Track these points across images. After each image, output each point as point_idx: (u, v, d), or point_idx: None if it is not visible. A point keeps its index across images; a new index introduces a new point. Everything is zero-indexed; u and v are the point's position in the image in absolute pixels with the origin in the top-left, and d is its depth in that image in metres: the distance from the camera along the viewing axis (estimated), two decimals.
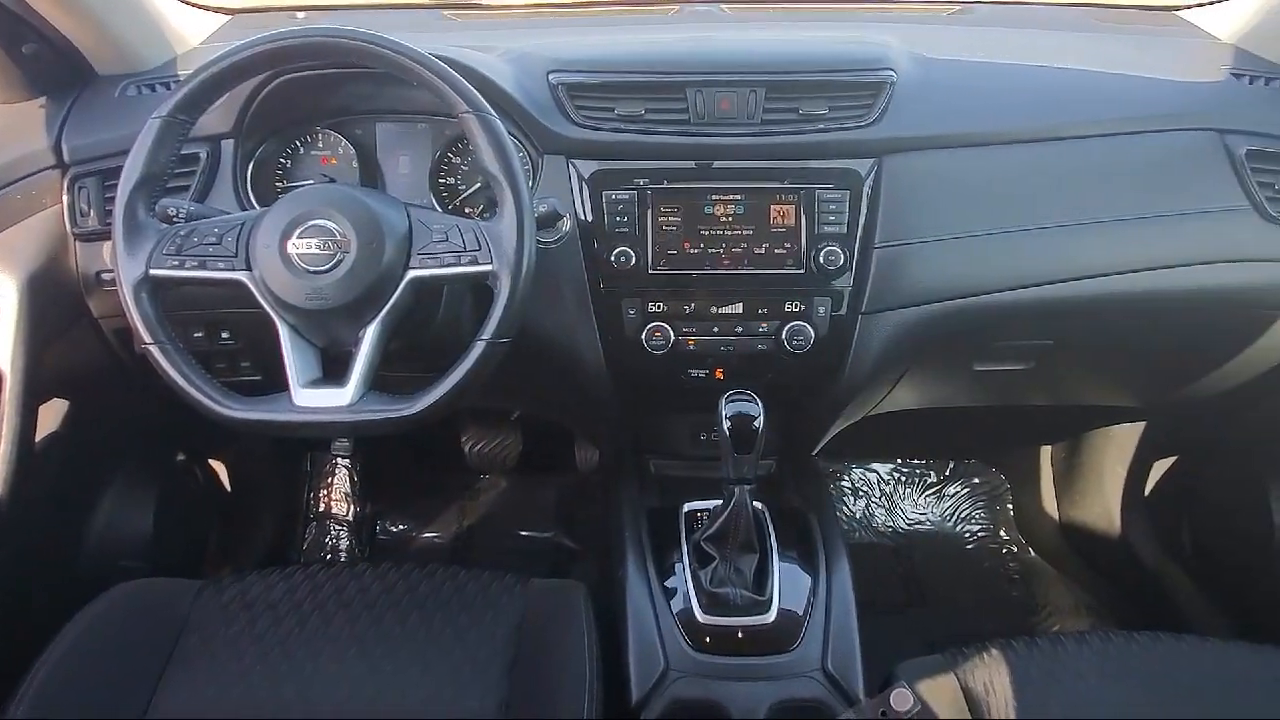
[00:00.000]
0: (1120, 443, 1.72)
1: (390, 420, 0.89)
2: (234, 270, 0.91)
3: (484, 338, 0.90)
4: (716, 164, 1.09)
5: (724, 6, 1.49)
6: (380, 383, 0.93)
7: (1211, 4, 1.38)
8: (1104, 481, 1.77)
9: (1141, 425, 1.67)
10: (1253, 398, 1.36)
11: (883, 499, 1.96)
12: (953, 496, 1.97)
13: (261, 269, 0.90)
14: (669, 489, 1.25)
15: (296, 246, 0.89)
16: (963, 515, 1.95)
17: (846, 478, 1.97)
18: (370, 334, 0.91)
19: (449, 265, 0.90)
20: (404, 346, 1.02)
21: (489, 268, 0.89)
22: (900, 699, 0.88)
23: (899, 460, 2.00)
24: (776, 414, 1.25)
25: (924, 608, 1.76)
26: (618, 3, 1.60)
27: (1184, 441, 1.62)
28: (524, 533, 1.86)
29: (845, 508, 1.93)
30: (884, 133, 1.09)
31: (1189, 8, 1.42)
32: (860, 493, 1.96)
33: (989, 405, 1.48)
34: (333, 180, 1.15)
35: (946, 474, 2.00)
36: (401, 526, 1.90)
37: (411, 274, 0.91)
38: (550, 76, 1.10)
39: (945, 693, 0.94)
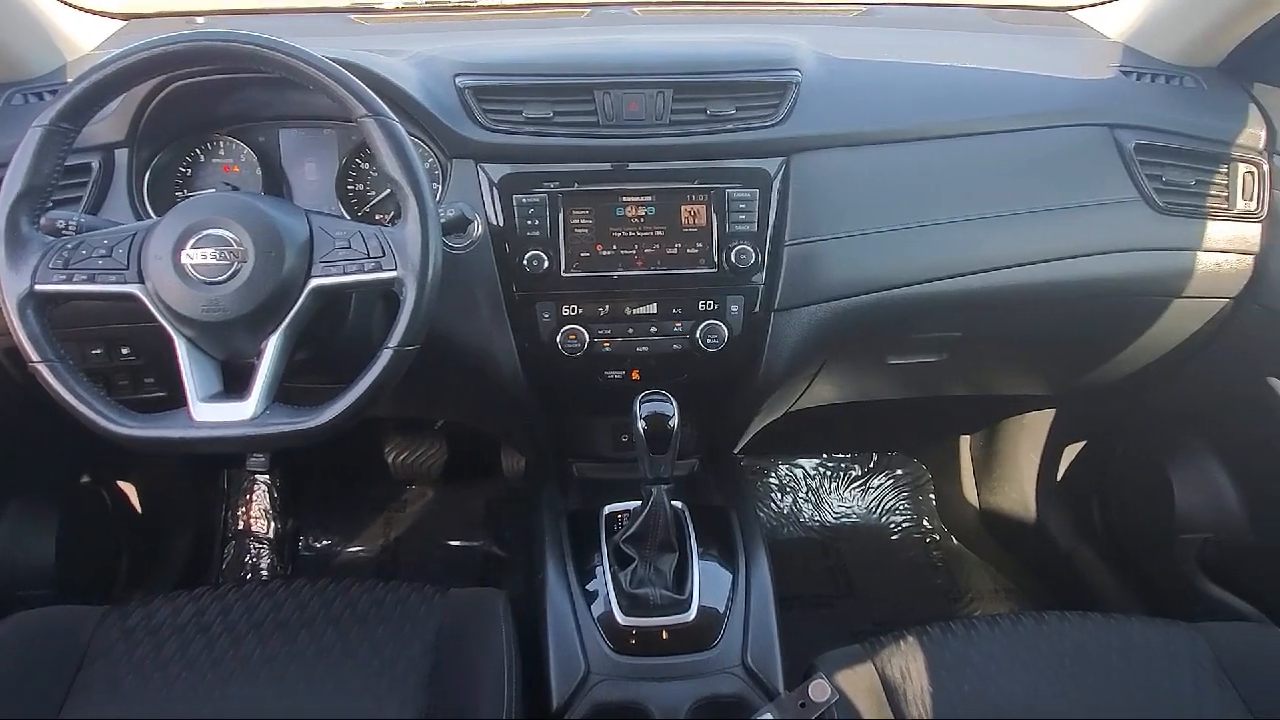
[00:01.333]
0: (1033, 430, 1.78)
1: (295, 433, 0.87)
2: (125, 283, 0.87)
3: (390, 345, 0.88)
4: (625, 166, 1.09)
5: (636, 9, 1.50)
6: (288, 395, 0.91)
7: (1102, 4, 1.43)
8: (1019, 468, 1.83)
9: (1052, 412, 1.73)
10: (1152, 382, 1.41)
11: (809, 494, 1.98)
12: (877, 489, 2.01)
13: (154, 281, 0.87)
14: (591, 492, 1.25)
15: (191, 257, 0.86)
16: (887, 507, 1.99)
17: (773, 474, 2.00)
18: (273, 345, 0.88)
19: (352, 273, 0.88)
20: (311, 357, 1.00)
21: (394, 274, 0.88)
22: (818, 690, 0.89)
23: (824, 455, 2.03)
24: (696, 413, 1.27)
25: (851, 599, 1.79)
26: (529, 6, 1.59)
27: (1092, 426, 1.68)
28: (451, 542, 1.84)
29: (773, 504, 1.95)
30: (791, 132, 1.10)
31: (1081, 8, 1.47)
32: (787, 489, 1.98)
33: (908, 398, 1.52)
34: (236, 189, 1.12)
35: (870, 467, 2.03)
36: (325, 542, 1.85)
37: (314, 283, 0.88)
38: (457, 80, 1.09)
39: (863, 681, 0.95)
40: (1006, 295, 1.17)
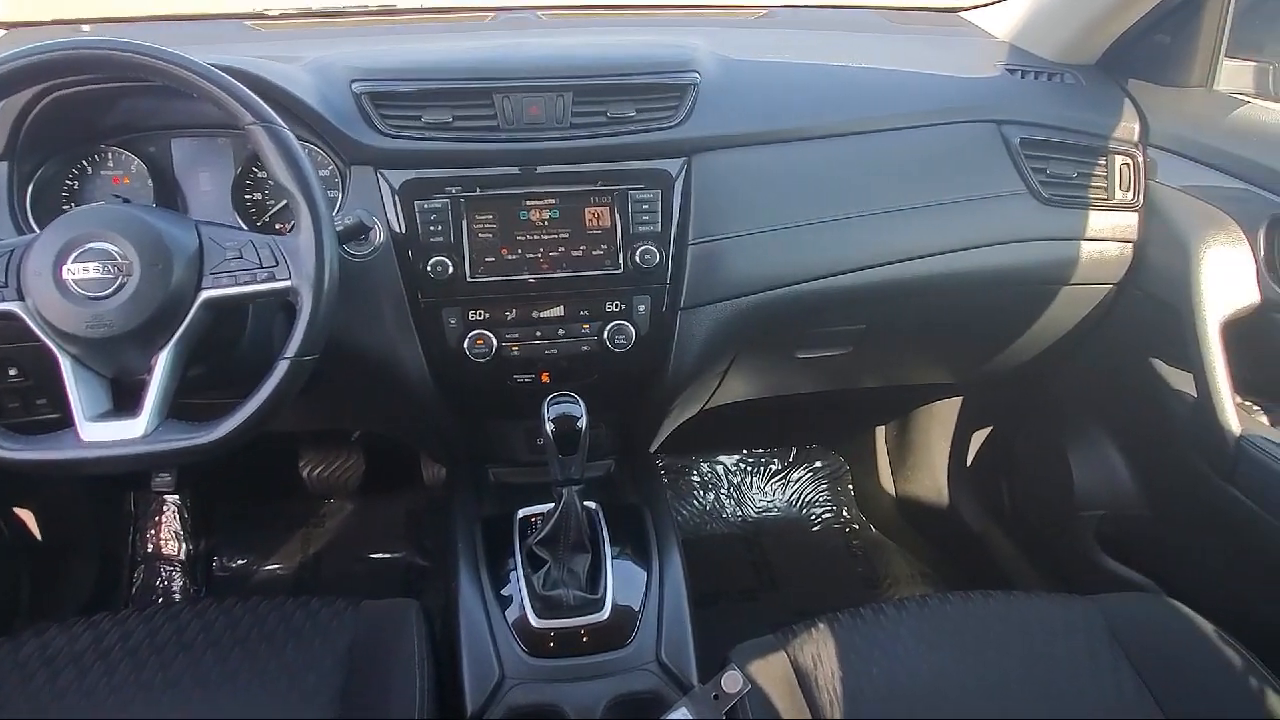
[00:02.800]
0: (942, 419, 1.84)
1: (188, 449, 0.85)
2: (4, 301, 0.84)
3: (287, 355, 0.86)
4: (528, 169, 1.09)
5: (541, 13, 1.50)
6: (187, 411, 0.88)
7: (990, 5, 1.49)
8: (931, 455, 1.88)
9: (959, 400, 1.78)
10: (1048, 367, 1.47)
11: (731, 490, 2.01)
12: (797, 482, 2.05)
13: (35, 298, 0.84)
14: (508, 496, 1.24)
15: (72, 272, 0.83)
16: (807, 499, 2.03)
17: (695, 472, 2.02)
18: (164, 360, 0.86)
19: (245, 283, 0.87)
20: (208, 371, 0.98)
21: (287, 283, 0.86)
22: (731, 681, 0.91)
23: (744, 451, 2.06)
24: (609, 413, 1.28)
25: (775, 591, 1.82)
26: (432, 11, 1.58)
27: (997, 413, 1.74)
28: (373, 555, 1.81)
29: (695, 501, 1.97)
30: (691, 132, 1.11)
31: (971, 9, 1.53)
32: (709, 485, 2.00)
33: (823, 391, 1.55)
34: (127, 201, 1.08)
35: (790, 460, 2.07)
36: (241, 561, 1.81)
37: (205, 294, 0.86)
38: (353, 85, 1.07)
39: (776, 670, 0.97)
40: (905, 287, 1.20)
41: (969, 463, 1.82)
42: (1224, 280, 1.11)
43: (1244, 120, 1.14)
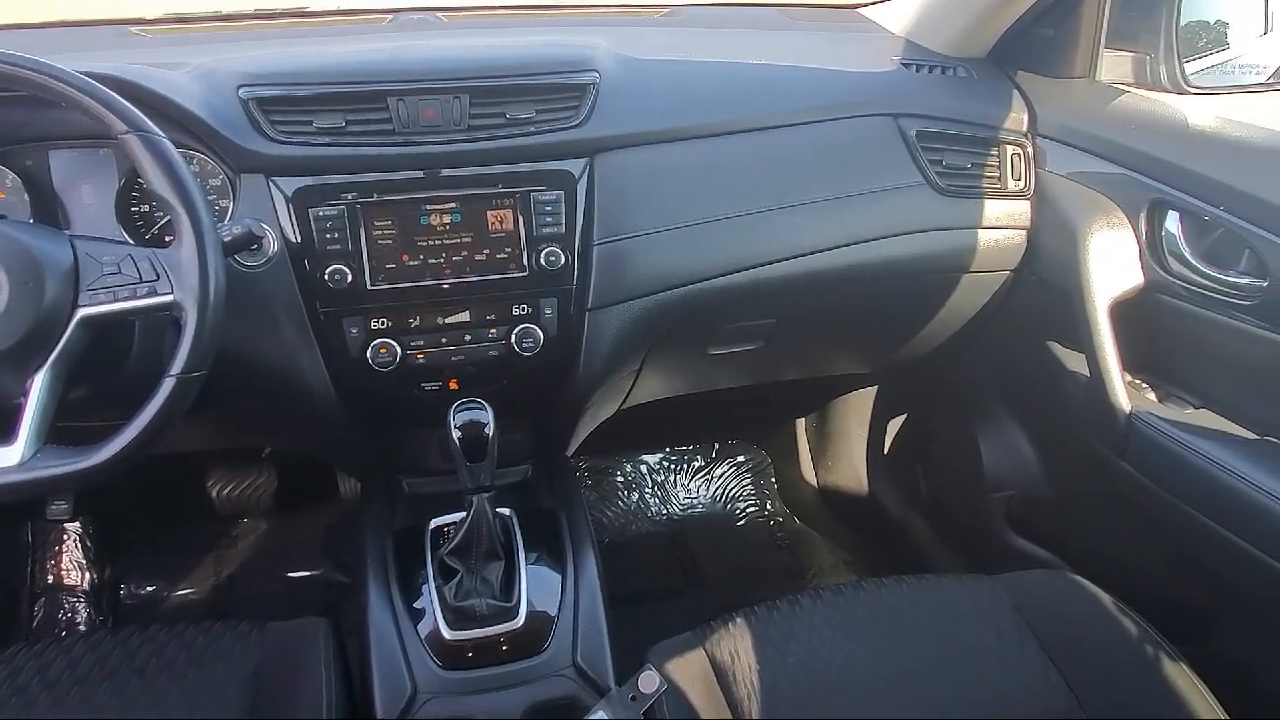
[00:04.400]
0: (859, 408, 1.87)
1: (69, 475, 0.80)
2: None
3: (173, 373, 0.83)
4: (427, 173, 1.07)
5: (441, 14, 1.48)
6: (72, 435, 0.84)
7: (887, 1, 1.52)
8: (850, 445, 1.91)
9: (874, 389, 1.82)
10: (955, 353, 1.51)
11: (655, 488, 2.01)
12: (720, 477, 2.06)
13: None
14: (422, 507, 1.22)
15: None
16: (731, 494, 2.05)
17: (618, 472, 2.01)
18: (40, 382, 0.82)
19: (124, 299, 0.83)
20: (93, 392, 0.93)
21: (170, 298, 0.83)
22: (647, 682, 0.90)
23: (667, 449, 2.06)
24: (523, 418, 1.27)
25: (701, 588, 1.83)
26: (327, 14, 1.54)
27: (911, 400, 1.77)
28: (290, 573, 1.76)
29: (619, 501, 1.97)
30: (592, 132, 1.11)
31: (868, 5, 1.56)
32: (633, 485, 2.00)
33: (742, 386, 1.56)
34: (3, 216, 1.03)
35: (713, 456, 2.08)
36: (150, 588, 1.73)
37: (82, 312, 0.82)
38: (240, 91, 1.04)
39: (694, 668, 0.97)
40: (811, 280, 1.22)
41: (886, 450, 1.86)
42: (1110, 263, 1.15)
43: (1123, 109, 1.19)
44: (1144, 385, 1.20)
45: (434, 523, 1.13)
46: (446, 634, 0.99)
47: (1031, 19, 1.27)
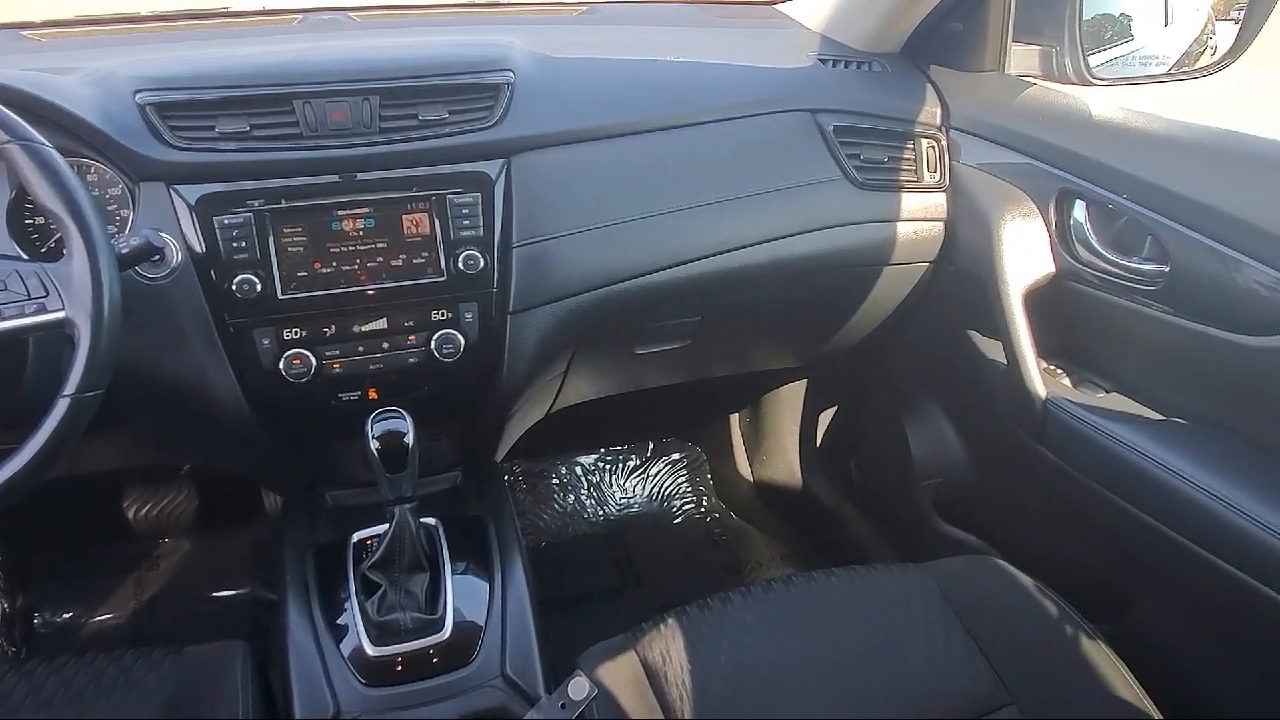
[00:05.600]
0: (791, 402, 1.88)
1: None
2: None
3: (66, 393, 0.79)
4: (338, 178, 1.04)
5: (353, 14, 1.44)
6: None
7: None
8: (783, 439, 1.93)
9: (805, 383, 1.83)
10: (881, 345, 1.53)
11: (591, 489, 2.00)
12: (656, 475, 2.06)
13: None
14: (346, 520, 1.19)
15: None
16: (667, 492, 2.04)
17: (553, 475, 2.00)
18: None
19: (10, 318, 0.79)
20: None
21: (60, 315, 0.79)
22: (576, 688, 0.89)
23: (602, 449, 2.05)
24: (448, 425, 1.24)
25: (639, 588, 1.82)
26: (234, 15, 1.49)
27: (841, 392, 1.79)
28: (215, 594, 1.70)
29: (555, 504, 1.96)
30: (508, 133, 1.09)
31: (786, 1, 1.56)
32: (568, 487, 1.99)
33: (674, 384, 1.56)
34: None
35: (648, 455, 2.08)
36: (66, 615, 1.66)
37: None
38: (137, 96, 1.00)
39: (625, 671, 0.96)
40: (734, 277, 1.22)
41: (819, 443, 1.87)
42: (1023, 253, 1.17)
43: (1031, 101, 1.21)
44: (1059, 371, 1.23)
45: (356, 536, 1.10)
46: (370, 650, 0.97)
47: (942, 14, 1.29)
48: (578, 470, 2.02)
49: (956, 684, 0.96)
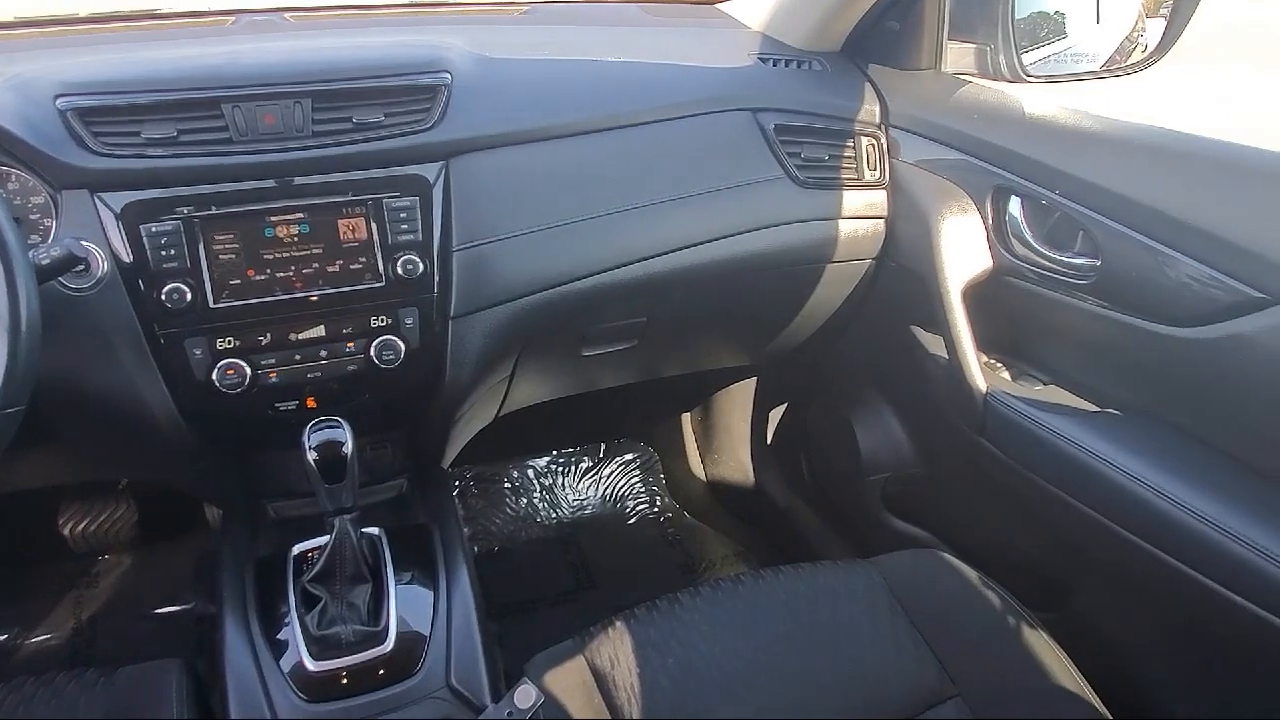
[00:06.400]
0: (742, 400, 1.89)
1: None
2: None
3: None
4: (270, 183, 1.02)
5: (288, 15, 1.41)
6: None
7: None
8: (735, 437, 1.93)
9: (754, 381, 1.84)
10: (828, 342, 1.54)
11: (543, 492, 1.99)
12: (609, 476, 2.05)
13: None
14: (288, 532, 1.17)
15: None
16: (621, 492, 2.04)
17: (505, 479, 1.98)
18: None
19: None
20: None
21: None
22: (523, 696, 0.88)
23: (554, 452, 2.04)
24: (391, 432, 1.22)
25: (594, 590, 1.81)
26: (165, 16, 1.46)
27: (790, 389, 1.80)
28: (158, 610, 1.66)
29: (508, 508, 1.94)
30: (446, 135, 1.08)
31: (727, 0, 1.57)
32: (520, 491, 1.97)
33: (625, 384, 1.55)
34: None
35: (600, 456, 2.07)
36: (1, 637, 1.61)
37: None
38: (58, 102, 0.96)
39: (573, 677, 0.96)
40: (678, 277, 1.22)
41: (770, 440, 1.88)
42: (961, 248, 1.19)
43: (966, 98, 1.23)
44: (999, 364, 1.25)
45: (296, 549, 1.08)
46: (310, 665, 0.95)
47: (878, 13, 1.30)
48: (530, 473, 2.01)
49: (903, 677, 0.97)
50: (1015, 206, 1.17)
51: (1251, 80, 4.88)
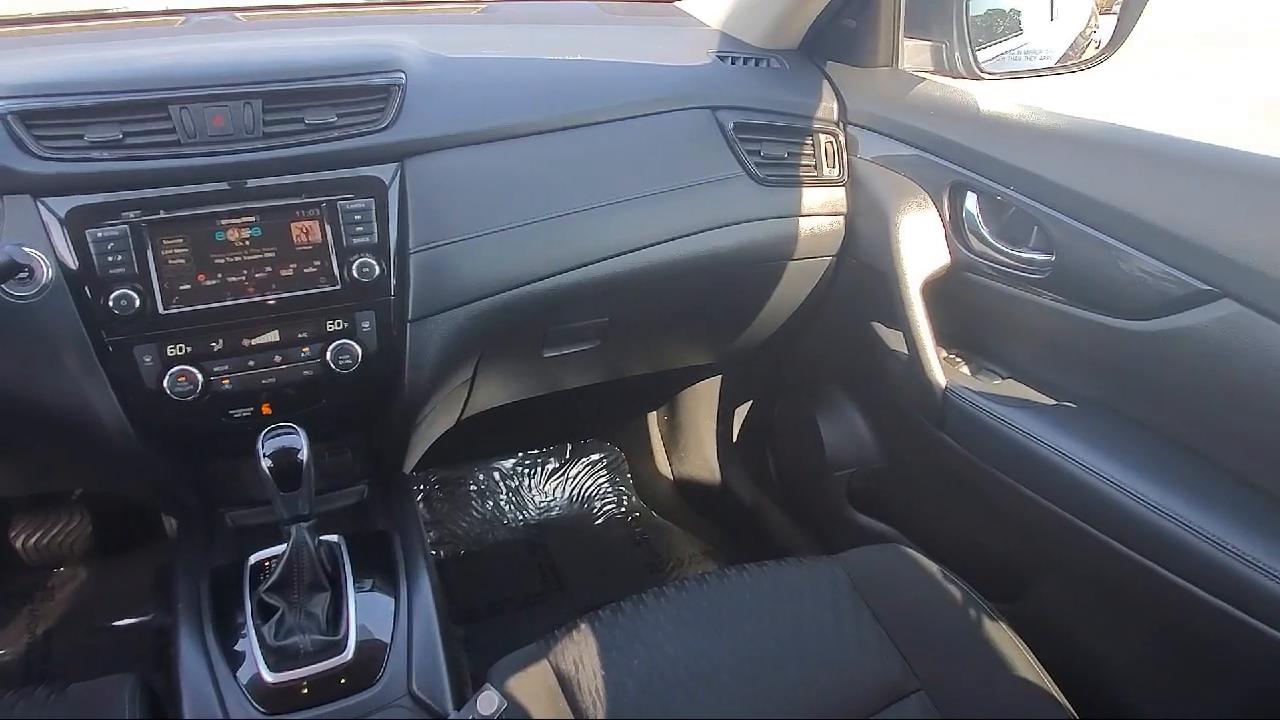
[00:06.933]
0: (707, 399, 1.89)
1: None
2: None
3: None
4: (220, 186, 1.00)
5: (240, 14, 1.39)
6: None
7: None
8: (700, 435, 1.93)
9: (719, 379, 1.84)
10: (790, 339, 1.54)
11: (510, 494, 1.98)
12: (576, 477, 2.04)
13: None
14: (246, 541, 1.15)
15: None
16: (588, 493, 2.03)
17: (471, 481, 1.97)
18: None
19: None
20: None
21: None
22: (486, 703, 0.87)
23: (520, 453, 2.03)
24: (351, 438, 1.21)
25: (562, 591, 1.80)
26: (112, 16, 1.42)
27: (755, 387, 1.81)
28: (116, 623, 1.62)
29: (474, 511, 1.93)
30: (401, 135, 1.06)
31: None
32: (487, 494, 1.96)
33: (589, 385, 1.54)
34: None
35: (567, 457, 2.06)
36: None
37: None
38: None
39: (537, 682, 0.95)
40: (640, 276, 1.21)
41: (736, 438, 1.89)
42: (920, 244, 1.20)
43: (922, 95, 1.24)
44: (958, 359, 1.25)
45: (253, 558, 1.06)
46: (268, 677, 0.93)
47: (835, 10, 1.30)
48: (496, 475, 1.99)
49: (867, 672, 0.97)
50: (972, 202, 1.18)
51: None
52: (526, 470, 2.02)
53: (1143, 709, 1.10)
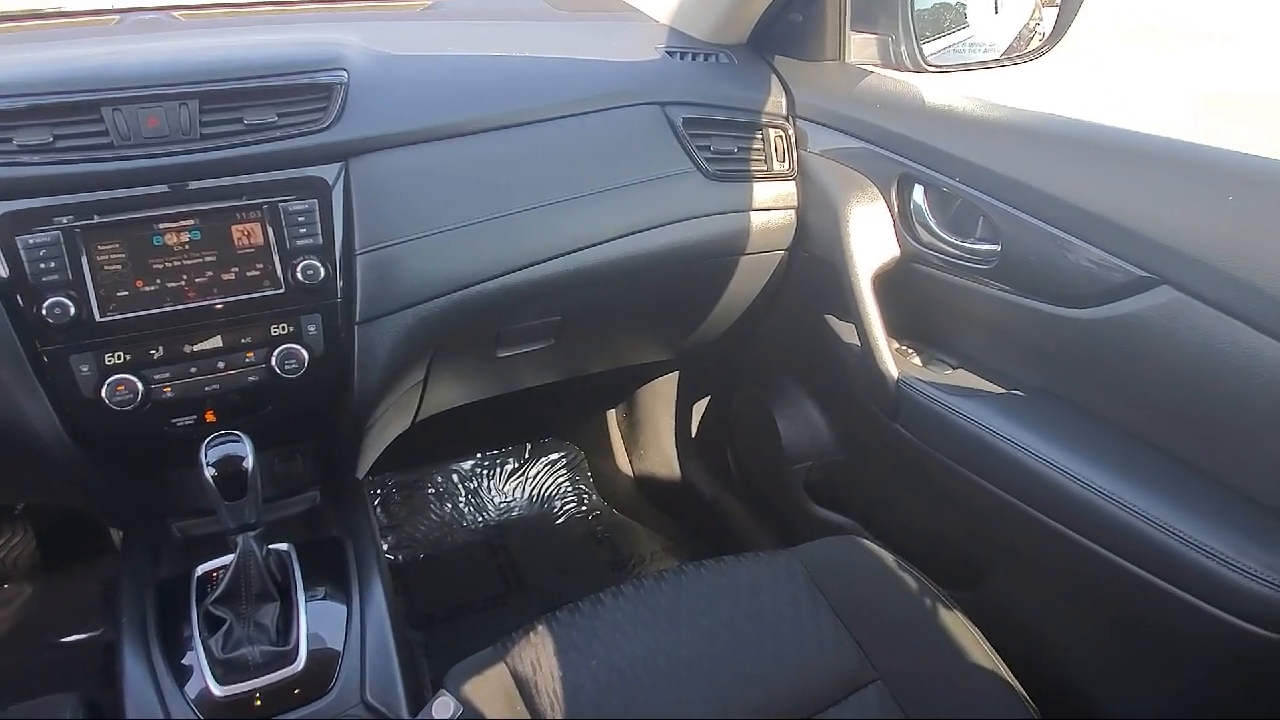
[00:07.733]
0: (665, 395, 1.89)
1: None
2: None
3: None
4: (156, 189, 0.97)
5: (177, 13, 1.35)
6: None
7: None
8: (660, 432, 1.93)
9: (676, 375, 1.84)
10: (746, 334, 1.54)
11: (469, 496, 1.96)
12: (536, 476, 2.03)
13: None
14: (193, 551, 1.12)
15: None
16: (548, 492, 2.02)
17: (429, 484, 1.94)
18: None
19: None
20: None
21: None
22: (441, 708, 0.86)
23: (479, 454, 2.01)
24: (300, 444, 1.19)
25: (524, 592, 1.79)
26: (43, 16, 1.38)
27: (712, 382, 1.81)
28: (63, 639, 1.58)
29: (433, 514, 1.90)
30: (344, 135, 1.04)
31: None
32: (446, 495, 1.94)
33: (546, 383, 1.53)
34: None
35: (526, 456, 2.05)
36: None
37: None
38: None
39: (495, 685, 0.94)
40: (591, 274, 1.20)
41: (695, 434, 1.89)
42: (869, 237, 1.20)
43: (869, 89, 1.24)
44: (910, 350, 1.26)
45: (200, 569, 1.04)
46: (216, 690, 0.91)
47: (782, 5, 1.30)
48: (454, 477, 1.97)
49: (826, 664, 0.98)
50: (919, 194, 1.19)
51: None
52: (485, 471, 2.00)
53: (1096, 693, 1.11)
